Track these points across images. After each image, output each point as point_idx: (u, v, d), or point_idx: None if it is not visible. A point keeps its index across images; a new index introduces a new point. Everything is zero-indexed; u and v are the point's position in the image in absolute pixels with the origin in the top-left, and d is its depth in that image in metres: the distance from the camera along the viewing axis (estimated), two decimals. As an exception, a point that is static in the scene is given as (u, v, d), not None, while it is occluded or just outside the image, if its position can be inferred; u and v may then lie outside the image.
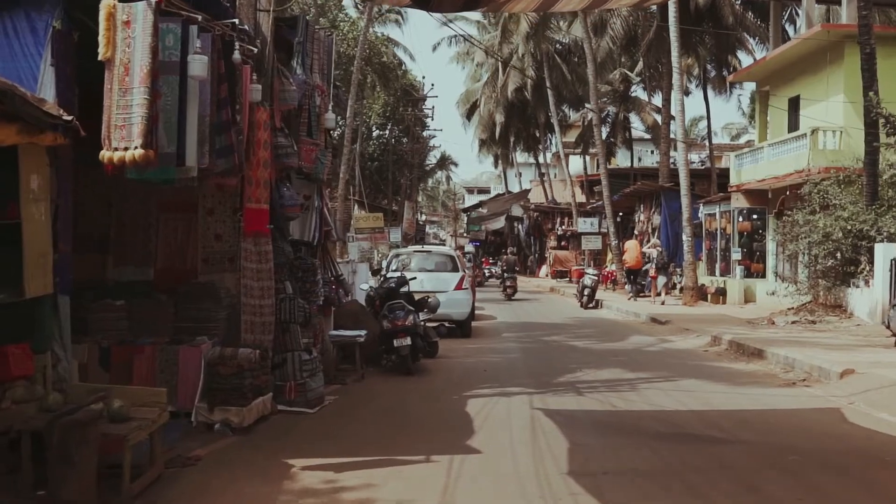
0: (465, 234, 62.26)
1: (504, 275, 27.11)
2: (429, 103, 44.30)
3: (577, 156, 44.54)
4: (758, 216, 21.61)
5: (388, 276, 12.61)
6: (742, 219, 21.84)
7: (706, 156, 37.50)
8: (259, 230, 7.45)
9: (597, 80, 30.36)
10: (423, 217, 63.93)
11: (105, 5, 5.22)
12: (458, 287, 14.92)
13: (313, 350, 8.20)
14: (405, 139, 43.76)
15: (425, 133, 46.57)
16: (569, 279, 33.48)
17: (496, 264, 38.89)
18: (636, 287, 22.68)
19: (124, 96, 5.19)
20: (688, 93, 35.33)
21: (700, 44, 29.24)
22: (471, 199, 75.82)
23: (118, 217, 8.17)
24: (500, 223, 51.70)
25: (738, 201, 21.66)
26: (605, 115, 36.95)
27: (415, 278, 12.69)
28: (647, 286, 22.20)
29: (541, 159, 49.33)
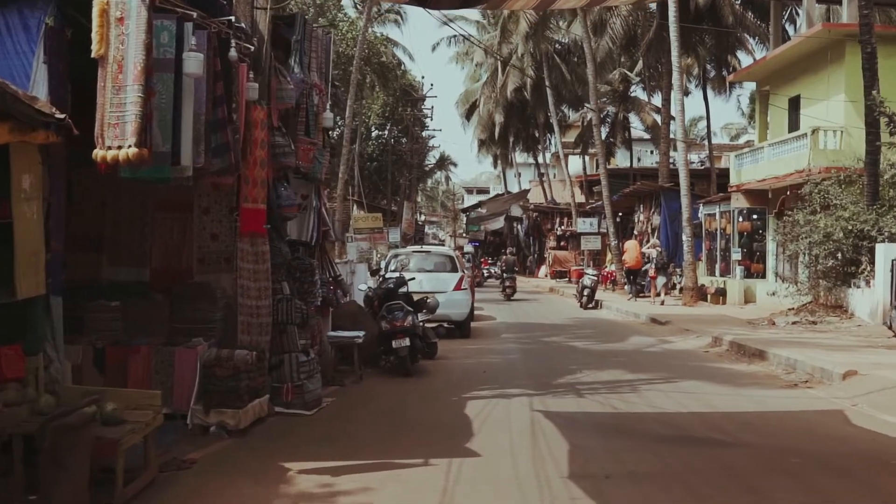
0: (465, 235, 62.23)
1: (503, 275, 27.08)
2: (428, 103, 44.38)
3: (576, 156, 44.51)
4: (758, 216, 21.55)
5: (387, 276, 12.55)
6: (742, 219, 21.78)
7: (705, 156, 37.46)
8: (256, 230, 7.39)
9: (596, 80, 30.30)
10: (423, 217, 63.88)
11: (98, 1, 5.15)
12: (458, 287, 14.85)
13: (311, 351, 8.13)
14: (404, 139, 43.70)
15: (424, 133, 46.52)
16: (568, 279, 33.45)
17: (495, 264, 38.85)
18: (636, 287, 22.62)
19: (118, 94, 5.11)
20: (687, 93, 35.31)
21: (700, 44, 29.18)
22: (470, 200, 75.77)
23: (113, 216, 8.09)
24: (499, 223, 51.64)
25: (738, 201, 21.59)
26: (604, 115, 36.91)
27: (413, 279, 12.66)
28: (647, 286, 22.14)
29: (540, 159, 49.28)
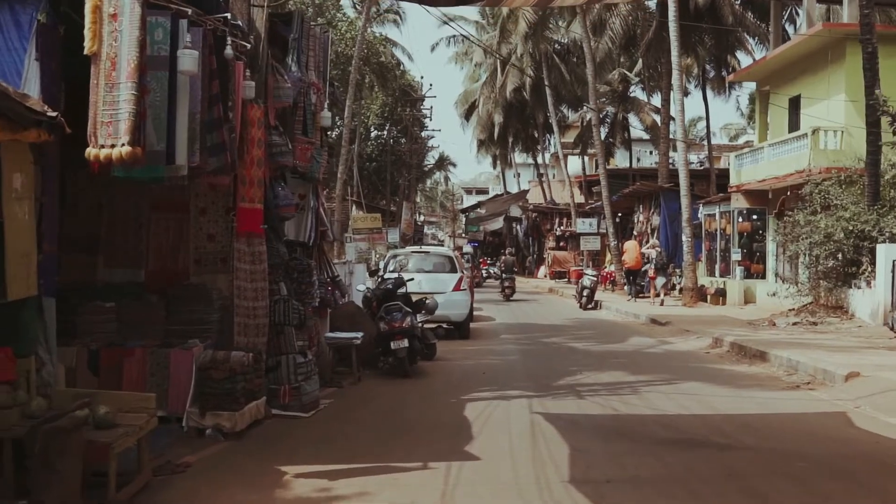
0: (464, 235, 62.15)
1: (502, 275, 27.01)
2: (427, 103, 44.32)
3: (575, 156, 44.43)
4: (758, 217, 21.49)
5: (386, 277, 12.47)
6: (742, 219, 21.72)
7: (705, 156, 37.39)
8: (253, 230, 7.30)
9: (596, 81, 30.23)
10: (422, 218, 63.85)
11: (91, -3, 5.06)
12: (457, 288, 14.78)
13: (308, 353, 8.05)
14: (403, 139, 43.63)
15: (424, 133, 46.47)
16: (567, 280, 33.37)
17: (494, 265, 38.78)
18: (635, 288, 22.54)
19: (111, 92, 5.02)
20: (686, 93, 35.15)
21: (699, 44, 29.09)
22: (469, 200, 75.71)
23: (108, 217, 7.99)
24: (498, 224, 51.59)
25: (737, 202, 21.53)
26: (603, 116, 36.83)
27: (412, 279, 12.61)
28: (647, 287, 22.07)
29: (539, 160, 49.20)
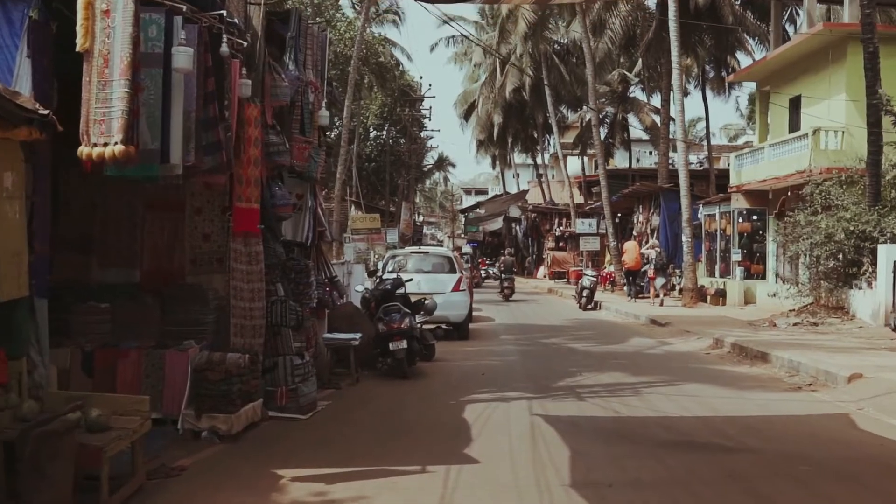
0: (463, 235, 62.07)
1: (502, 276, 26.95)
2: (426, 104, 44.22)
3: (575, 157, 44.36)
4: (758, 217, 21.42)
5: (385, 277, 12.40)
6: (742, 220, 21.65)
7: (704, 157, 37.31)
8: (249, 230, 7.22)
9: (595, 81, 30.16)
10: (421, 218, 63.75)
11: (83, -7, 4.98)
12: (456, 289, 14.70)
13: (306, 354, 7.97)
14: (402, 140, 43.55)
15: (423, 134, 46.38)
16: (567, 280, 33.29)
17: (494, 265, 38.70)
18: (635, 288, 22.47)
19: (104, 89, 4.93)
20: (686, 94, 35.07)
21: (699, 44, 29.01)
22: (468, 200, 75.61)
23: (103, 217, 7.90)
24: (497, 224, 51.52)
25: (738, 202, 21.45)
26: (603, 116, 36.76)
27: (411, 280, 12.53)
28: (646, 287, 22.00)
29: (539, 160, 49.13)
